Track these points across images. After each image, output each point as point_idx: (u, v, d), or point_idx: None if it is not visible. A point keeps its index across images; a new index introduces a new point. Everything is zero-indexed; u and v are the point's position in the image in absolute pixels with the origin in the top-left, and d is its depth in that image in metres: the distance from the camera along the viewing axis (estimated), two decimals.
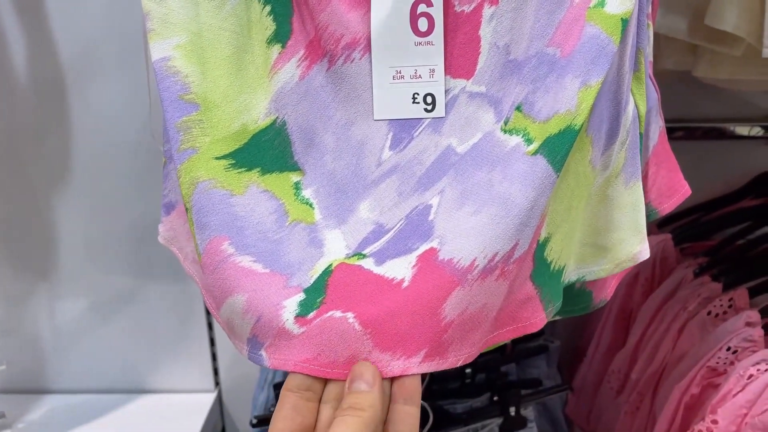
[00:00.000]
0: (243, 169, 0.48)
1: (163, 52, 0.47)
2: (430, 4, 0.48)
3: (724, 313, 0.86)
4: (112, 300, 1.09)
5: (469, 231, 0.44)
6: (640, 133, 0.50)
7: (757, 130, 1.06)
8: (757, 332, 0.77)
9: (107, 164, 1.01)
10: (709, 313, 0.86)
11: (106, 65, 0.95)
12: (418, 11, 0.48)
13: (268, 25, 0.49)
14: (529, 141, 0.45)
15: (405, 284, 0.43)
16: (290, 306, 0.43)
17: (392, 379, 0.42)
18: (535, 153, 0.44)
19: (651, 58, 0.52)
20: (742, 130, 1.06)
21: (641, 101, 0.50)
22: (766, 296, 0.88)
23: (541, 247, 0.46)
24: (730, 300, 0.87)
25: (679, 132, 1.05)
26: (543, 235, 0.46)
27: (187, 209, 0.47)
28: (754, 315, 0.79)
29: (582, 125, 0.44)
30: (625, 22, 0.44)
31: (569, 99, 0.44)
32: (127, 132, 0.98)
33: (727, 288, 0.88)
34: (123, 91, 0.96)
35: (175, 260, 0.57)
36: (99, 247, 1.06)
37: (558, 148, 0.44)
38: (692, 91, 1.00)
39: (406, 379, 0.42)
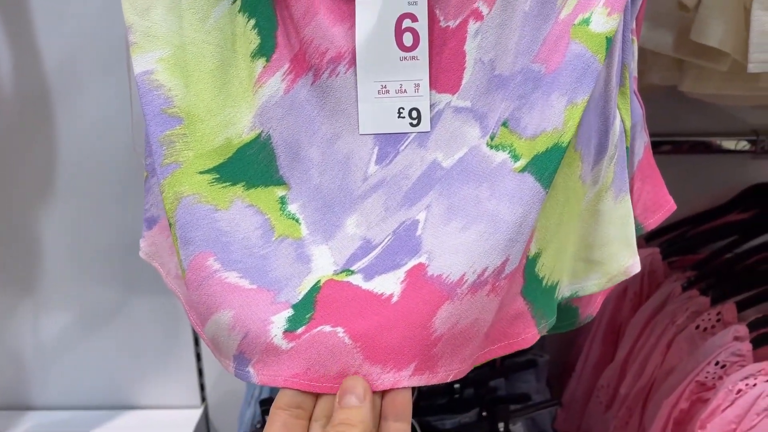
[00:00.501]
0: (227, 184, 0.47)
1: (145, 66, 0.47)
2: (415, 20, 0.48)
3: (713, 327, 0.86)
4: (96, 314, 1.08)
5: (458, 247, 0.44)
6: (627, 148, 0.50)
7: (743, 144, 1.06)
8: (746, 347, 0.77)
9: (92, 176, 1.00)
10: (697, 327, 0.86)
11: (89, 76, 0.94)
12: (403, 26, 0.48)
13: (253, 39, 0.48)
14: (515, 157, 0.45)
15: (394, 299, 0.43)
16: (278, 321, 0.43)
17: (383, 395, 0.42)
18: (523, 170, 0.44)
19: (635, 74, 0.52)
20: (729, 144, 1.06)
21: (627, 116, 0.50)
22: (754, 310, 0.87)
23: (531, 262, 0.46)
24: (718, 314, 0.87)
25: (666, 146, 1.06)
26: (533, 250, 0.46)
27: (170, 224, 0.47)
28: (742, 329, 0.78)
29: (569, 142, 0.44)
30: (609, 41, 0.45)
31: (556, 117, 0.44)
32: (112, 143, 0.98)
33: (715, 302, 0.88)
34: (107, 102, 0.95)
35: (161, 281, 0.56)
36: (83, 260, 1.04)
37: (546, 166, 0.44)
38: (679, 105, 1.00)
39: (397, 396, 0.42)
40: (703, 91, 0.77)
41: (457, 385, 0.88)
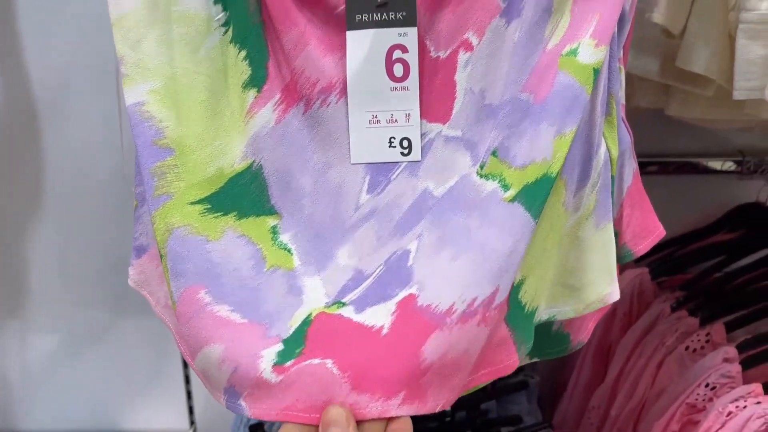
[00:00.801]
0: (219, 214, 0.47)
1: (137, 97, 0.47)
2: (405, 50, 0.48)
3: (702, 347, 0.86)
4: (84, 336, 1.07)
5: (448, 276, 0.44)
6: (612, 176, 0.51)
7: (729, 165, 1.08)
8: (735, 368, 0.78)
9: (80, 198, 0.99)
10: (687, 348, 0.87)
11: (79, 100, 0.94)
12: (394, 57, 0.48)
13: (244, 70, 0.49)
14: (505, 187, 0.45)
15: (384, 331, 0.43)
16: (268, 356, 0.43)
17: (387, 423, 0.42)
18: (513, 200, 0.45)
19: (623, 101, 0.53)
20: (715, 164, 1.07)
21: (613, 145, 0.50)
22: (743, 330, 0.88)
23: (515, 289, 0.46)
24: (707, 335, 0.87)
25: (653, 167, 1.06)
26: (518, 277, 0.46)
27: (161, 256, 0.46)
28: (732, 351, 0.79)
29: (558, 173, 0.45)
30: (596, 72, 0.45)
31: (545, 147, 0.45)
32: (100, 165, 0.97)
33: (704, 323, 0.89)
34: (96, 125, 0.95)
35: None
36: (71, 282, 1.04)
37: (535, 196, 0.44)
38: (665, 127, 1.01)
39: (398, 424, 0.42)
40: (689, 115, 0.78)
41: (448, 408, 0.88)
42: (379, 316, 0.44)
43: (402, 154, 0.49)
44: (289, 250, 0.48)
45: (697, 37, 0.65)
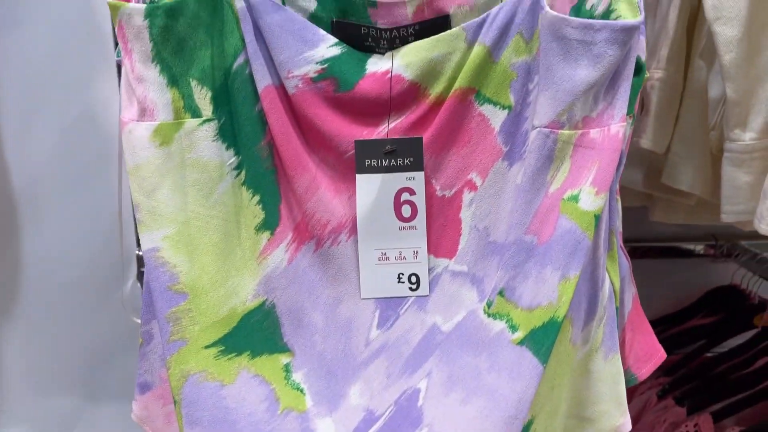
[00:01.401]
0: (233, 355, 0.48)
1: (151, 243, 0.48)
2: (413, 193, 0.50)
3: None
4: (56, 429, 1.04)
5: (458, 422, 0.45)
6: (616, 307, 0.52)
7: (701, 248, 1.11)
8: None
9: (58, 288, 0.98)
10: None
11: (58, 193, 0.94)
12: (402, 199, 0.50)
13: (257, 213, 0.50)
14: (513, 328, 0.47)
15: None
16: None
17: None
18: (521, 343, 0.46)
19: (620, 229, 0.55)
20: (690, 248, 1.11)
21: (615, 277, 0.52)
22: (730, 420, 0.90)
23: (524, 429, 0.47)
24: (695, 426, 0.88)
25: (630, 250, 1.09)
26: (527, 417, 0.47)
27: (175, 402, 0.47)
28: None
29: (564, 316, 0.46)
30: (597, 218, 0.47)
31: (551, 292, 0.46)
32: (76, 259, 0.97)
33: (691, 412, 0.90)
34: (76, 215, 0.95)
35: (126, 388, 0.55)
36: (45, 375, 1.01)
37: (542, 341, 0.46)
38: (640, 212, 1.04)
39: None
40: (672, 221, 0.81)
41: None
42: None
43: (410, 289, 0.51)
44: (301, 390, 0.49)
45: (680, 157, 0.68)
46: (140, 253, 0.72)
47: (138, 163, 0.48)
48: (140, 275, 0.80)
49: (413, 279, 0.51)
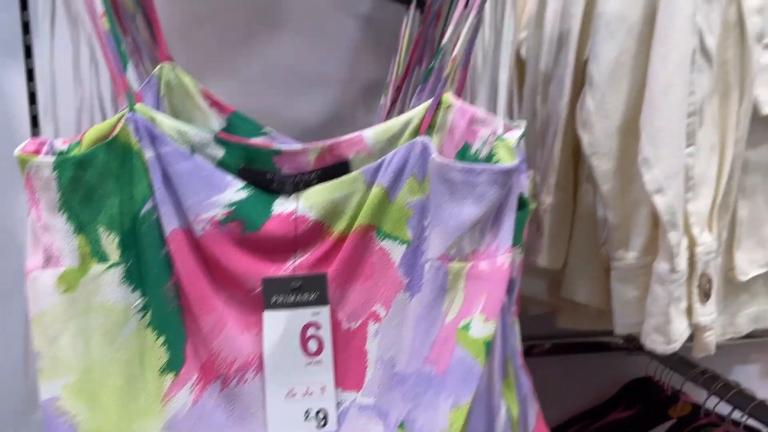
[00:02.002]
0: None
1: (50, 392, 0.47)
2: (318, 327, 0.52)
3: None
4: None
5: None
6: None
7: (619, 341, 1.16)
8: None
9: None
10: None
11: None
12: (308, 334, 0.52)
13: (161, 355, 0.50)
14: None
15: None
16: None
17: None
18: None
19: (520, 349, 0.58)
20: (604, 341, 1.15)
21: (513, 403, 0.54)
22: None
23: None
24: None
25: (546, 346, 1.11)
26: None
27: None
28: None
29: None
30: (488, 345, 0.49)
31: (443, 420, 0.48)
32: None
33: None
34: None
35: None
36: None
37: None
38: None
39: None
40: (577, 327, 0.85)
41: None
42: None
43: (318, 426, 0.51)
44: None
45: (576, 272, 0.73)
46: None
47: (41, 310, 0.48)
48: None
49: (321, 415, 0.52)
